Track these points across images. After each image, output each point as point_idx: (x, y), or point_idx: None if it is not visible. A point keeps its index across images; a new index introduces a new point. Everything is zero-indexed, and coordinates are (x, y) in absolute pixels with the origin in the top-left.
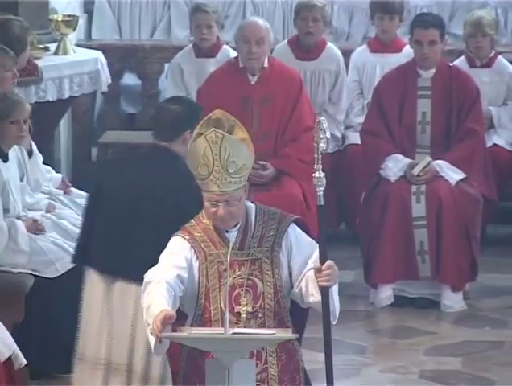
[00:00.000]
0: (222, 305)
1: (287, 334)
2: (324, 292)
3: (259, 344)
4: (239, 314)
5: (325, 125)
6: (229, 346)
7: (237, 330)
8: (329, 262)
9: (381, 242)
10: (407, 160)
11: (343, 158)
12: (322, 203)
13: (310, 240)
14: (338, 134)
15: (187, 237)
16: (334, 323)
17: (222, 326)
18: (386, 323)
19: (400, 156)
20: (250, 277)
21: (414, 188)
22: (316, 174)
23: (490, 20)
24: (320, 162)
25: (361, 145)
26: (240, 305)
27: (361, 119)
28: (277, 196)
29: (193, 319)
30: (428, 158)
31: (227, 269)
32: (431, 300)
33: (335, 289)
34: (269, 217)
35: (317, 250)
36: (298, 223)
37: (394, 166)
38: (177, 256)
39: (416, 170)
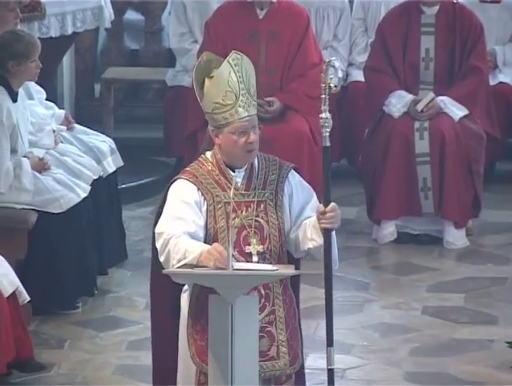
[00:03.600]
0: (231, 243)
1: (290, 270)
2: (327, 234)
3: (262, 280)
4: (249, 254)
5: (337, 64)
6: (231, 282)
7: (239, 265)
8: (333, 204)
9: (384, 178)
10: (411, 96)
11: (345, 95)
12: (328, 144)
13: (308, 187)
14: (343, 68)
15: (192, 180)
16: (336, 268)
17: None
18: (389, 260)
19: (403, 92)
20: (257, 218)
21: (417, 124)
22: (323, 115)
23: None
24: (328, 102)
25: (365, 81)
26: (250, 245)
27: (364, 57)
28: (284, 131)
29: None
30: (432, 94)
31: (231, 204)
32: (434, 236)
33: (334, 240)
34: (269, 162)
35: (315, 197)
36: (296, 171)
37: (398, 103)
38: (191, 207)
39: (420, 106)
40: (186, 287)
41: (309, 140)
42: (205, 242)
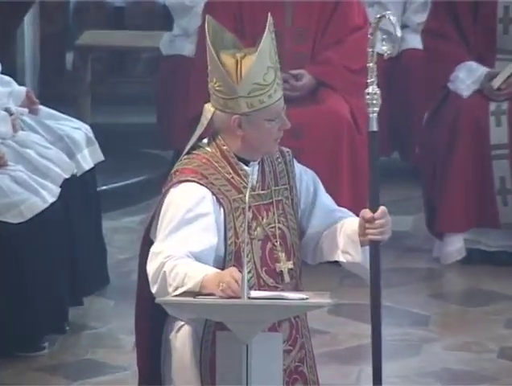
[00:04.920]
0: (257, 264)
1: (325, 299)
2: (375, 247)
3: (288, 313)
4: (280, 273)
5: (393, 18)
6: (247, 315)
7: (256, 294)
8: (383, 209)
9: (449, 178)
10: (484, 69)
11: (397, 67)
12: (375, 128)
13: (310, 170)
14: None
15: (203, 182)
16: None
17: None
18: (455, 285)
19: (475, 64)
20: (279, 224)
21: (493, 106)
22: (370, 90)
23: None
24: (375, 73)
25: (423, 49)
26: (278, 261)
27: (423, 17)
28: (317, 115)
29: None
30: None
31: (246, 211)
32: None
33: (366, 254)
34: None
35: (321, 184)
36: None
37: (467, 78)
38: (206, 220)
39: (497, 82)
40: (179, 322)
41: (350, 126)
42: (225, 260)
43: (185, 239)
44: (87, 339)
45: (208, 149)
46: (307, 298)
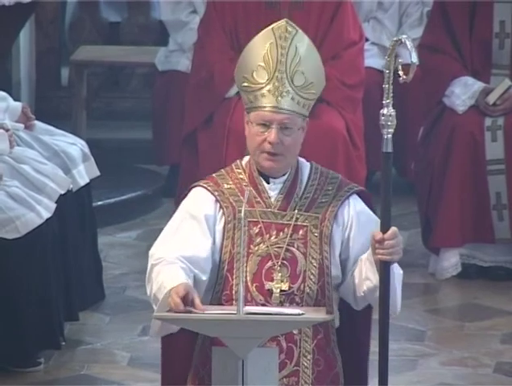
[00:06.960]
0: (248, 277)
1: (320, 315)
2: (385, 267)
3: (283, 328)
4: (269, 292)
5: (409, 44)
6: (242, 330)
7: (252, 309)
8: (394, 229)
9: (444, 193)
10: (480, 84)
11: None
12: (390, 149)
13: (377, 219)
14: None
15: (211, 188)
16: (394, 315)
17: (247, 306)
18: (451, 300)
19: (471, 79)
20: (291, 247)
21: (488, 122)
22: (385, 111)
23: None
24: (391, 95)
25: (419, 64)
26: (272, 280)
27: (418, 32)
28: (313, 130)
29: (212, 297)
30: (508, 82)
31: (242, 225)
32: (510, 270)
33: (399, 279)
34: (326, 180)
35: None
36: (361, 195)
37: (463, 93)
38: (198, 223)
39: (492, 98)
40: None
41: (345, 142)
42: (219, 271)
43: (178, 242)
44: (82, 355)
45: (244, 161)
46: (303, 314)
